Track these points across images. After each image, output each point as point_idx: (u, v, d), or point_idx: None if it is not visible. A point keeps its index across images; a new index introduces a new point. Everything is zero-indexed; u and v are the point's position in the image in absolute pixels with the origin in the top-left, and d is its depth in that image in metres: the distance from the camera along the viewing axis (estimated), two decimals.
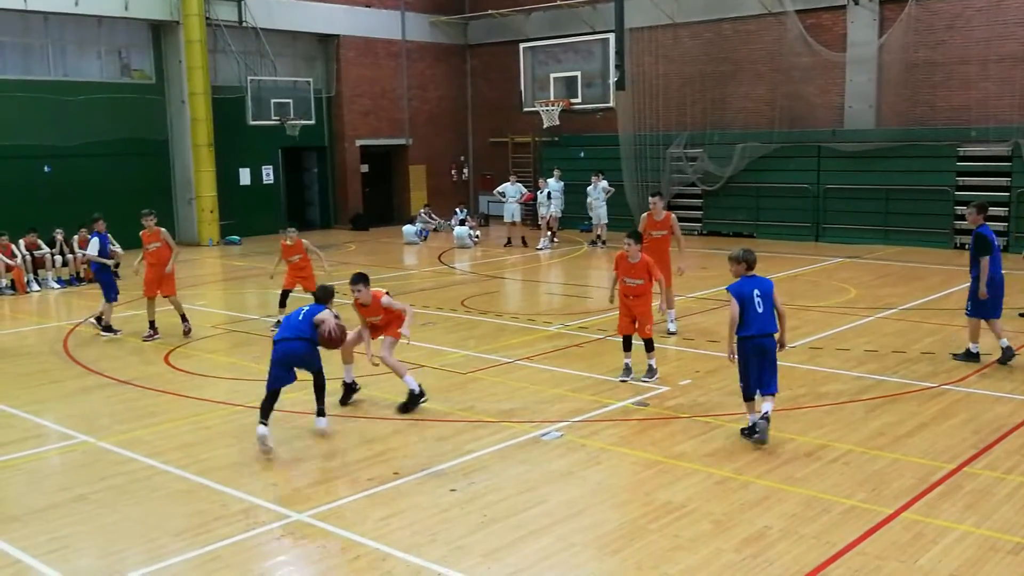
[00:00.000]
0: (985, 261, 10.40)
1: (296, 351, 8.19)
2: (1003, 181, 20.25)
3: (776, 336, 8.03)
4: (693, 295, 15.34)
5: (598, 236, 22.94)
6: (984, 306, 10.54)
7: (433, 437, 8.48)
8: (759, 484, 7.14)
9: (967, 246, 11.18)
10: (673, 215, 12.89)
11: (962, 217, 20.56)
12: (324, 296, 8.66)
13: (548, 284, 18.22)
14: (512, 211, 23.70)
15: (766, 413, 7.94)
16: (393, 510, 6.80)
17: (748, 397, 8.06)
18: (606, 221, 22.77)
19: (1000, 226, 20.24)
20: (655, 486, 7.19)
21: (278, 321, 13.17)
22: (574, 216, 24.42)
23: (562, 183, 23.41)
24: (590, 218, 23.30)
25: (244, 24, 25.21)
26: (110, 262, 13.91)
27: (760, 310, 7.92)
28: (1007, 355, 10.53)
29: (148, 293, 13.25)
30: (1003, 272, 10.71)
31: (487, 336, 12.87)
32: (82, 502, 7.11)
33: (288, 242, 13.42)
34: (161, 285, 13.21)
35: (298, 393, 10.03)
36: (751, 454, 7.81)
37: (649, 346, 10.22)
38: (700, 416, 8.90)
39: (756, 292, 7.98)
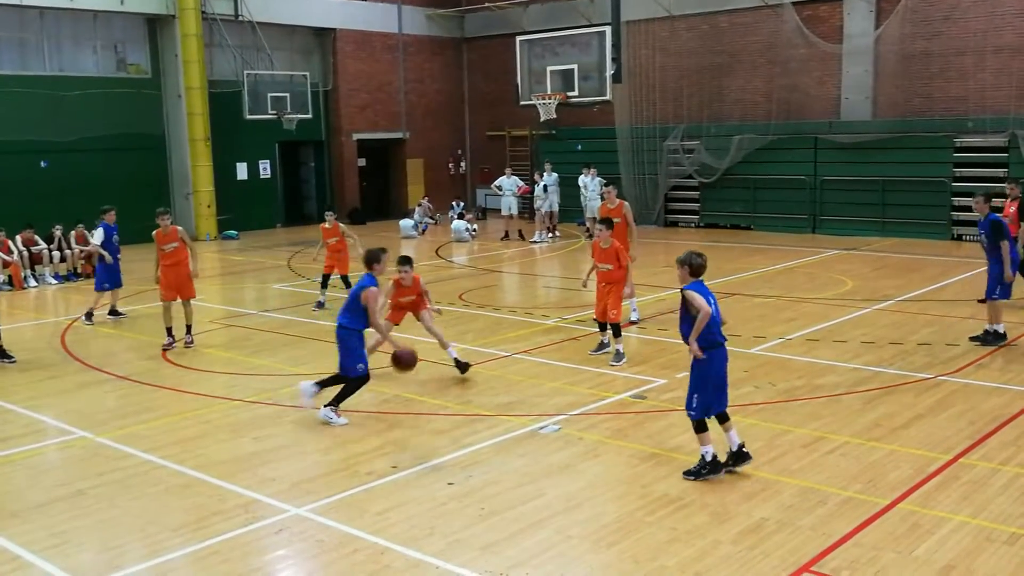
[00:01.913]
0: (1006, 245, 10.80)
1: (337, 336, 8.78)
2: (1000, 172, 20.23)
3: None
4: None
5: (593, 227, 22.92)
6: (1007, 287, 10.97)
7: (431, 431, 8.50)
8: (756, 476, 7.17)
9: (971, 237, 11.61)
10: (626, 203, 12.96)
11: (960, 208, 20.67)
12: (370, 260, 8.86)
13: (545, 277, 18.22)
14: (508, 204, 23.69)
15: (740, 447, 7.12)
16: (391, 504, 6.82)
17: (705, 427, 7.12)
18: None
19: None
20: (652, 479, 7.21)
21: (320, 302, 14.41)
22: (572, 209, 24.41)
23: (555, 175, 23.32)
24: (581, 210, 23.27)
25: (240, 18, 25.15)
26: (106, 256, 13.83)
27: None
28: (997, 339, 10.98)
29: (168, 297, 12.19)
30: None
31: (485, 330, 12.88)
32: (81, 497, 7.13)
33: (327, 225, 14.62)
34: (181, 289, 12.31)
35: (295, 388, 10.05)
36: (748, 446, 7.78)
37: (615, 331, 10.59)
38: None
39: (710, 300, 7.09)
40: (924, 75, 21.73)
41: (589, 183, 22.64)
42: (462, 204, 26.99)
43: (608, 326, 10.76)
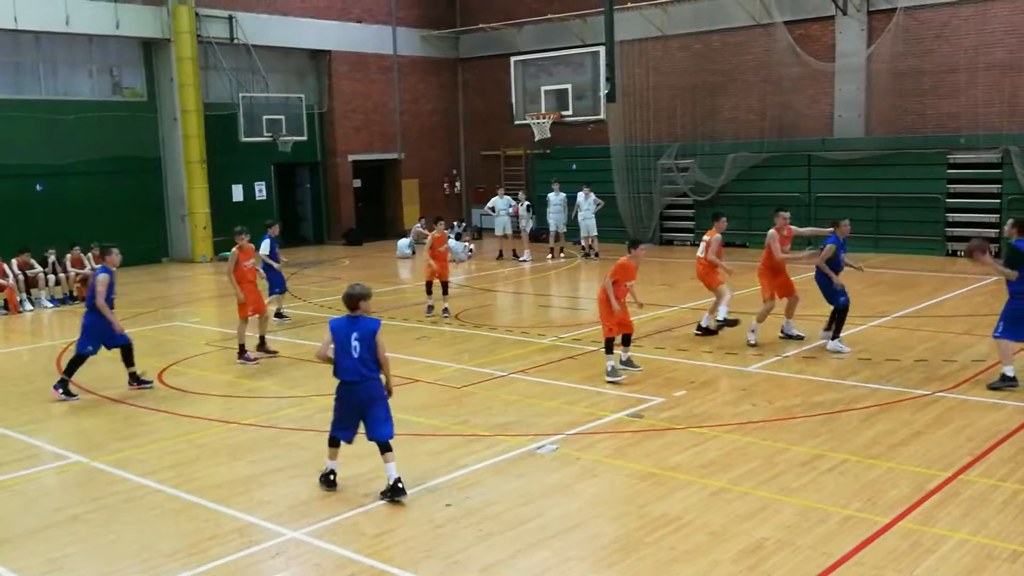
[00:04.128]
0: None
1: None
2: (993, 188, 20.35)
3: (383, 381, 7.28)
4: (687, 305, 15.36)
5: (590, 247, 22.98)
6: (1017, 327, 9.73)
7: (427, 452, 8.46)
8: (755, 495, 7.14)
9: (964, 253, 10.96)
10: None
11: (954, 224, 20.76)
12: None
13: (541, 296, 18.21)
14: (503, 224, 23.74)
15: (392, 480, 7.15)
16: (388, 526, 6.78)
17: (334, 443, 7.50)
18: (595, 233, 22.81)
19: (991, 233, 20.33)
20: (651, 498, 7.18)
21: (430, 306, 15.42)
22: (568, 228, 24.40)
23: (563, 195, 23.38)
24: (578, 230, 23.32)
25: (235, 41, 25.25)
26: (277, 265, 14.98)
27: (355, 355, 7.13)
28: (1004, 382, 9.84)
29: (257, 311, 12.62)
30: (996, 278, 10.72)
31: (481, 349, 12.85)
32: (76, 523, 7.07)
33: (436, 233, 15.45)
34: (257, 304, 12.69)
35: (291, 410, 10.02)
36: (747, 465, 7.81)
37: (606, 347, 10.81)
38: (695, 427, 8.89)
39: (355, 336, 7.13)
40: (916, 92, 21.86)
41: (583, 202, 22.72)
42: (463, 224, 27.02)
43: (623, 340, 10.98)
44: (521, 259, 22.96)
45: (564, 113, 21.37)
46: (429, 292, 15.52)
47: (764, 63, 23.87)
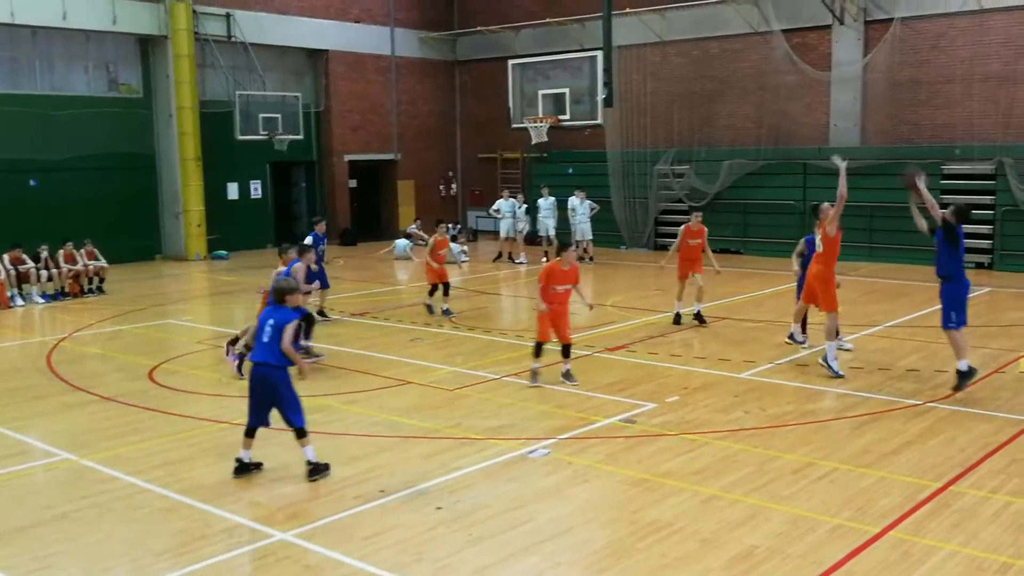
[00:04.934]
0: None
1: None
2: (987, 199, 20.39)
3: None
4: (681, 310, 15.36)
5: (584, 251, 22.98)
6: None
7: (419, 455, 8.44)
8: (746, 502, 7.13)
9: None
10: None
11: None
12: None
13: (535, 300, 18.18)
14: (507, 227, 23.77)
15: (307, 461, 7.67)
16: (378, 529, 6.76)
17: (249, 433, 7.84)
18: (591, 237, 22.82)
19: (985, 243, 20.41)
20: (642, 504, 7.17)
21: (429, 306, 15.56)
22: (562, 232, 24.39)
23: (552, 199, 23.43)
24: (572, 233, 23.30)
25: (233, 39, 25.20)
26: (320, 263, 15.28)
27: (265, 339, 7.68)
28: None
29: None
30: (989, 289, 10.79)
31: (475, 352, 12.84)
32: (64, 520, 7.04)
33: (439, 236, 15.56)
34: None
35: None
36: (738, 472, 7.81)
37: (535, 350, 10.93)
38: (687, 434, 8.89)
39: (270, 322, 7.70)
40: (912, 102, 21.92)
41: (578, 206, 22.72)
42: (458, 227, 26.99)
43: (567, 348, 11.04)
44: (517, 261, 23.01)
45: (561, 117, 21.36)
46: (432, 294, 15.63)
47: (761, 71, 23.91)
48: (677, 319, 14.30)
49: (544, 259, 22.93)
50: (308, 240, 15.39)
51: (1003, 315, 14.12)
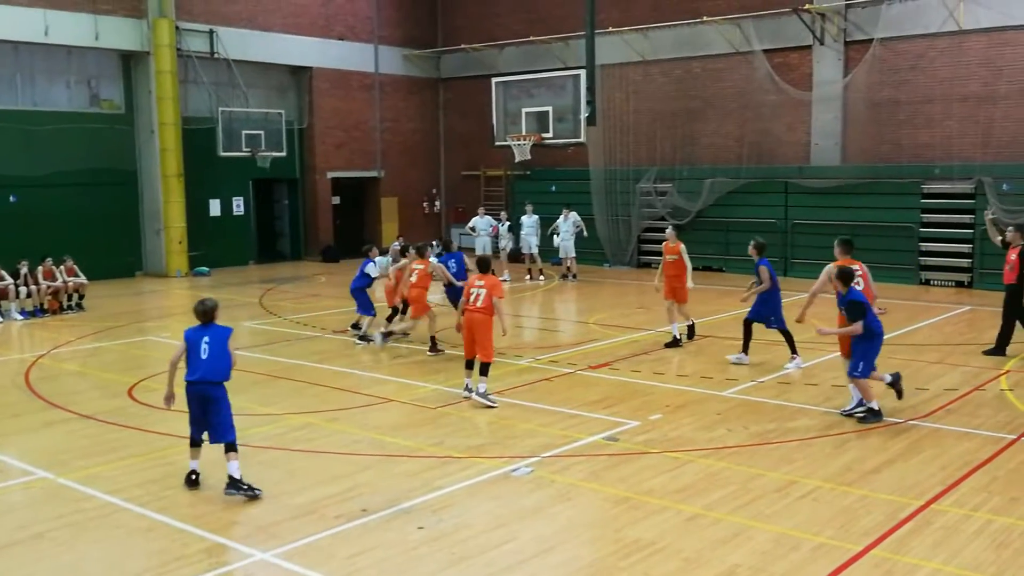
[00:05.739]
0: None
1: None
2: (967, 218, 20.58)
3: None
4: (664, 329, 15.37)
5: (567, 269, 23.02)
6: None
7: (401, 473, 8.38)
8: (729, 521, 7.12)
9: (937, 283, 11.10)
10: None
11: (927, 253, 20.99)
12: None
13: (518, 318, 18.18)
14: (483, 244, 23.70)
15: (229, 475, 7.75)
16: (360, 548, 6.69)
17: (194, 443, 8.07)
18: (574, 255, 22.86)
19: (964, 263, 20.58)
20: (625, 523, 7.14)
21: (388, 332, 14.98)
22: (547, 249, 24.47)
23: (536, 217, 23.48)
24: (556, 250, 23.36)
25: (216, 55, 25.17)
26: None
27: (204, 356, 7.87)
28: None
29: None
30: (969, 308, 10.86)
31: (457, 370, 12.76)
32: (39, 540, 6.93)
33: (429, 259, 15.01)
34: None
35: (264, 428, 9.92)
36: (721, 491, 7.79)
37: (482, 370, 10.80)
38: (670, 452, 8.88)
39: (205, 339, 7.94)
40: (892, 122, 22.14)
41: (562, 224, 22.77)
42: (441, 244, 26.93)
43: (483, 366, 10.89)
44: (501, 279, 22.89)
45: (544, 135, 21.43)
46: (392, 319, 15.46)
47: (743, 90, 24.11)
48: (675, 342, 14.06)
49: (527, 277, 23.01)
50: (370, 267, 15.95)
51: (983, 334, 14.21)
